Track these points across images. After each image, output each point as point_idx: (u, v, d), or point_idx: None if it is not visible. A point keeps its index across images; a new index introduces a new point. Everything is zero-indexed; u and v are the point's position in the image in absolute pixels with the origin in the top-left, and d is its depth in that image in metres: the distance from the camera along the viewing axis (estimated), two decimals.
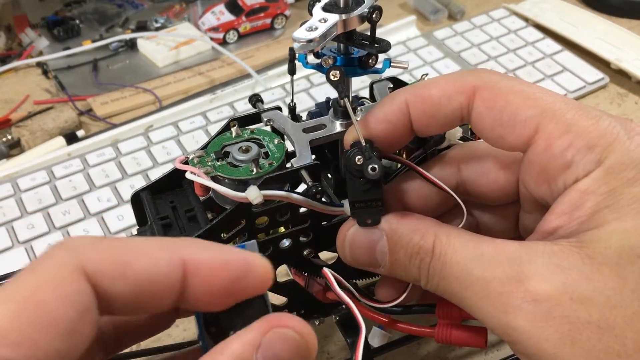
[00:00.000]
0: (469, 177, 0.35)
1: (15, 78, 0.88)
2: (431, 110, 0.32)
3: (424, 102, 0.32)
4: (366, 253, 0.33)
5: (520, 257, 0.28)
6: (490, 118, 0.31)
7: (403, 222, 0.32)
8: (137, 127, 0.75)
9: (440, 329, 0.38)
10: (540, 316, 0.27)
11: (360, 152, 0.31)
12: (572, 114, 0.29)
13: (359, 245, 0.33)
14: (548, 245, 0.28)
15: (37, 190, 0.65)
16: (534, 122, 0.30)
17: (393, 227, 0.32)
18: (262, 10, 0.94)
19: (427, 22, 0.97)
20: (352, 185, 0.32)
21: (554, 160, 0.29)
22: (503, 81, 0.31)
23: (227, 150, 0.38)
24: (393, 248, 0.32)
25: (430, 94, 0.32)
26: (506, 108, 0.30)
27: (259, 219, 0.37)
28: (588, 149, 0.29)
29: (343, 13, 0.33)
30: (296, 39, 0.32)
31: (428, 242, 0.31)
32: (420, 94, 0.32)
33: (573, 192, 0.29)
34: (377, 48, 0.34)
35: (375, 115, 0.33)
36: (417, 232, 0.32)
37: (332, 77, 0.34)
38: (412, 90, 0.33)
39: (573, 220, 0.29)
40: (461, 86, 0.31)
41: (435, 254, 0.31)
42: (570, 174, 0.29)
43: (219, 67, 0.88)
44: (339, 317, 0.46)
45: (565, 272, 0.27)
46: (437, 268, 0.31)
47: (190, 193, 0.39)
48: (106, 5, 0.99)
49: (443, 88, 0.32)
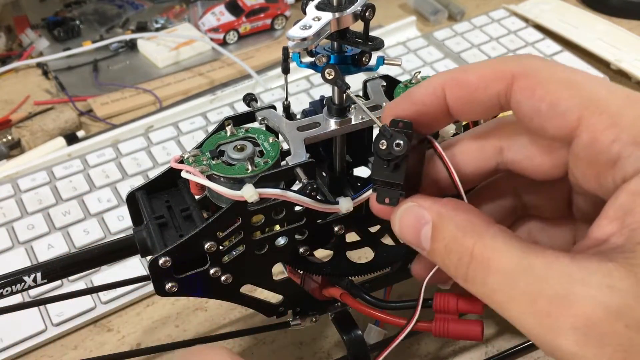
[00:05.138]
0: (512, 159, 0.34)
1: (16, 79, 0.89)
2: (468, 96, 0.31)
3: (460, 88, 0.31)
4: (412, 232, 0.32)
5: (571, 275, 0.26)
6: (528, 108, 0.29)
7: (452, 213, 0.31)
8: (137, 128, 0.76)
9: (437, 323, 0.38)
10: (593, 342, 0.25)
11: (383, 137, 0.30)
12: (618, 105, 0.27)
13: (406, 223, 0.32)
14: (602, 263, 0.26)
15: (38, 190, 0.66)
16: (576, 114, 0.28)
17: (440, 215, 0.31)
18: (262, 11, 0.94)
19: (427, 23, 0.97)
20: (377, 163, 0.31)
21: (600, 156, 0.27)
22: (545, 68, 0.29)
23: (222, 149, 0.38)
24: (435, 236, 0.31)
25: (467, 79, 0.31)
26: (545, 98, 0.28)
27: (254, 217, 0.37)
28: (636, 144, 0.26)
29: (336, 11, 0.33)
30: (290, 37, 0.33)
31: (469, 242, 0.29)
32: (457, 79, 0.31)
33: (623, 193, 0.27)
34: (371, 46, 0.34)
35: (411, 96, 0.32)
36: (461, 228, 0.30)
37: (327, 75, 0.34)
38: (450, 74, 0.32)
39: (625, 226, 0.27)
40: (500, 73, 0.30)
41: (476, 256, 0.29)
42: (619, 172, 0.27)
43: (219, 68, 0.89)
44: (335, 314, 0.46)
45: (620, 295, 0.25)
46: (478, 271, 0.29)
47: (186, 192, 0.39)
48: (106, 5, 0.99)
49: (481, 74, 0.30)
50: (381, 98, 0.41)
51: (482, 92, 0.30)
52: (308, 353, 0.53)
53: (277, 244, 0.39)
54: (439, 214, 0.31)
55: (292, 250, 0.40)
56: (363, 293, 0.42)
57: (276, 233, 0.38)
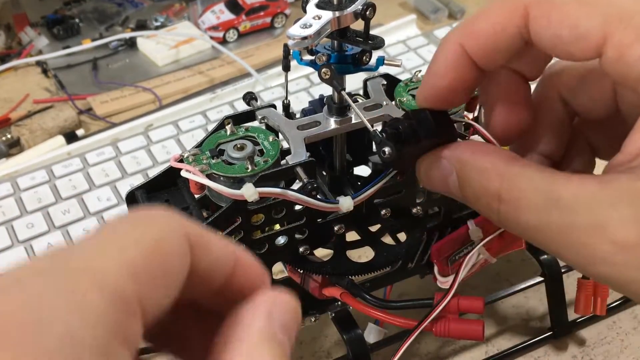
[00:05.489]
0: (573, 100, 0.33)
1: (15, 77, 0.88)
2: (489, 44, 0.30)
3: (478, 39, 0.30)
4: (441, 185, 0.32)
5: (601, 201, 0.26)
6: (549, 36, 0.28)
7: (473, 159, 0.30)
8: (136, 126, 0.75)
9: (439, 322, 0.38)
10: (630, 266, 0.25)
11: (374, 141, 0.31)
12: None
13: (432, 177, 0.32)
14: (632, 181, 0.26)
15: (37, 189, 0.65)
16: (599, 33, 0.26)
17: (461, 163, 0.31)
18: (262, 9, 0.94)
19: (427, 21, 0.97)
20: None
21: (630, 73, 0.26)
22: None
23: (222, 148, 0.38)
24: (462, 184, 0.31)
25: (481, 28, 0.30)
26: (564, 21, 0.27)
27: (254, 216, 0.37)
28: None
29: (337, 10, 0.33)
30: (291, 35, 0.33)
31: (494, 185, 0.29)
32: (471, 32, 0.30)
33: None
34: (371, 45, 0.34)
35: (436, 71, 0.31)
36: (484, 172, 0.30)
37: (323, 75, 0.34)
38: (462, 30, 0.30)
39: None
40: (511, 10, 0.29)
41: (504, 199, 0.29)
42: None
43: (219, 66, 0.88)
44: (335, 313, 0.46)
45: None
46: (509, 213, 0.29)
47: (186, 191, 0.39)
48: (106, 4, 0.99)
49: (493, 18, 0.29)
50: (381, 97, 0.41)
51: (501, 36, 0.29)
52: (308, 352, 0.53)
53: (277, 243, 0.39)
54: (460, 161, 0.31)
55: (292, 249, 0.40)
56: (363, 292, 0.42)
57: (276, 232, 0.38)
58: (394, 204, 0.41)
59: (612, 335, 0.53)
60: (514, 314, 0.55)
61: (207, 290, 0.23)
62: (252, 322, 0.23)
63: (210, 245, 0.23)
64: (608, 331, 0.53)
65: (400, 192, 0.41)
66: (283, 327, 0.23)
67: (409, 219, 0.42)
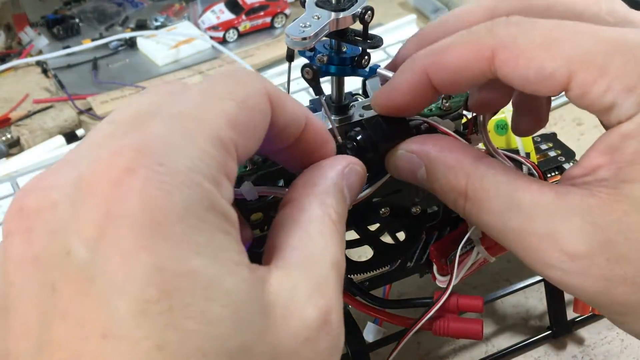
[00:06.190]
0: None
1: (15, 77, 0.88)
2: (452, 77, 0.31)
3: (443, 71, 0.31)
4: (410, 176, 0.34)
5: (556, 212, 0.28)
6: (517, 78, 0.29)
7: (441, 155, 0.33)
8: None
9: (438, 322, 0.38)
10: (576, 274, 0.28)
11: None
12: (605, 52, 0.27)
13: (401, 169, 0.35)
14: (585, 198, 0.28)
15: None
16: (565, 73, 0.28)
17: (429, 159, 0.33)
18: (262, 9, 0.94)
19: (427, 21, 0.97)
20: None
21: (594, 107, 0.28)
22: (522, 34, 0.29)
23: None
24: (430, 179, 0.33)
25: (447, 61, 0.31)
26: (530, 65, 0.28)
27: (253, 215, 0.37)
28: (628, 91, 0.27)
29: (336, 10, 0.33)
30: (290, 34, 0.32)
31: (461, 183, 0.31)
32: (438, 62, 0.31)
33: (614, 134, 0.28)
34: (369, 44, 0.34)
35: (396, 87, 0.33)
36: (451, 169, 0.32)
37: (305, 74, 0.34)
38: (430, 59, 0.32)
39: (613, 162, 0.28)
40: (478, 51, 0.30)
41: (469, 197, 0.31)
42: (614, 117, 0.28)
43: (218, 66, 0.88)
44: None
45: (602, 231, 0.27)
46: (473, 212, 0.31)
47: None
48: (106, 4, 0.99)
49: (459, 55, 0.30)
50: None
51: (466, 72, 0.31)
52: None
53: None
54: (428, 157, 0.33)
55: None
56: (362, 291, 0.42)
57: None
58: (393, 203, 0.41)
59: (612, 335, 0.53)
60: (513, 313, 0.55)
61: (283, 145, 0.29)
62: (328, 173, 0.29)
63: (287, 104, 0.27)
64: (608, 331, 0.53)
65: (399, 190, 0.41)
66: (349, 186, 0.30)
67: (408, 218, 0.42)
